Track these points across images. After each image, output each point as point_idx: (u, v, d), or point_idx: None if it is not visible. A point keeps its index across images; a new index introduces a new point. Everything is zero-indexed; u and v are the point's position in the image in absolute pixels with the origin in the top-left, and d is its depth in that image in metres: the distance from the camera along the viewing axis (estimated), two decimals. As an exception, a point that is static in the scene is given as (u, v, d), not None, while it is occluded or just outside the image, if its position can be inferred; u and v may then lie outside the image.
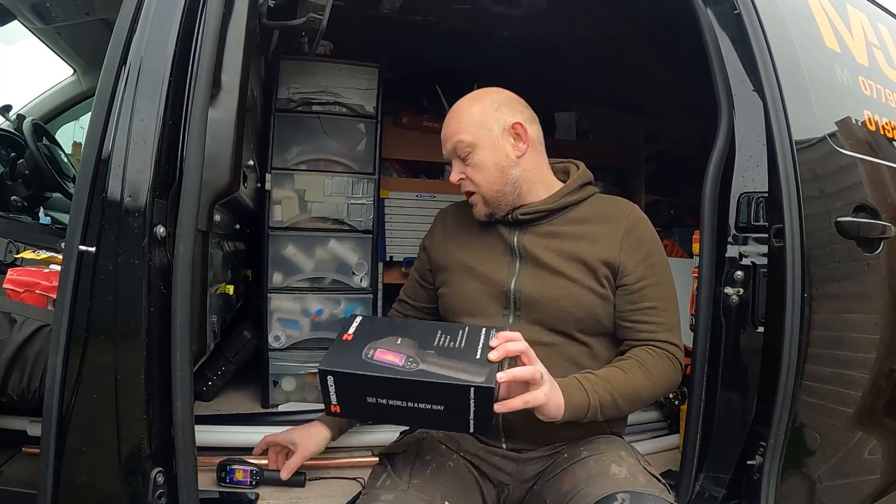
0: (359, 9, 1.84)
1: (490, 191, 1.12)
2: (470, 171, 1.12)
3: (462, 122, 1.12)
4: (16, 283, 1.20)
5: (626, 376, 1.02)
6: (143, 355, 0.86)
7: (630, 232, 1.09)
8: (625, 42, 2.06)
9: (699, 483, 1.15)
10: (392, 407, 0.86)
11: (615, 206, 1.14)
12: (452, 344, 0.91)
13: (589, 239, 1.09)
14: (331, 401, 0.88)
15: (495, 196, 1.12)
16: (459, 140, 1.11)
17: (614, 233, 1.09)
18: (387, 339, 0.91)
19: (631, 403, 1.03)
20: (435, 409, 0.85)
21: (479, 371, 0.84)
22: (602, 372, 1.02)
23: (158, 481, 0.88)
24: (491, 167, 1.11)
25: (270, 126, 1.92)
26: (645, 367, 1.03)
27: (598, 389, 0.98)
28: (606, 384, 0.99)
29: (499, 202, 1.12)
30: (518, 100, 1.16)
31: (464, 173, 1.13)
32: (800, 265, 1.09)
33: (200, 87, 0.92)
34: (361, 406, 0.87)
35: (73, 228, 0.86)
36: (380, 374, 0.84)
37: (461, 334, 0.93)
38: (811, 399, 1.16)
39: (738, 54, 1.20)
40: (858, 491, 1.34)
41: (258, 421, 1.80)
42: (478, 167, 1.11)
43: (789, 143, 1.12)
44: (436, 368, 0.85)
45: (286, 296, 1.95)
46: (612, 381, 1.00)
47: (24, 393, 1.04)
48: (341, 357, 0.88)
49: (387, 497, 0.88)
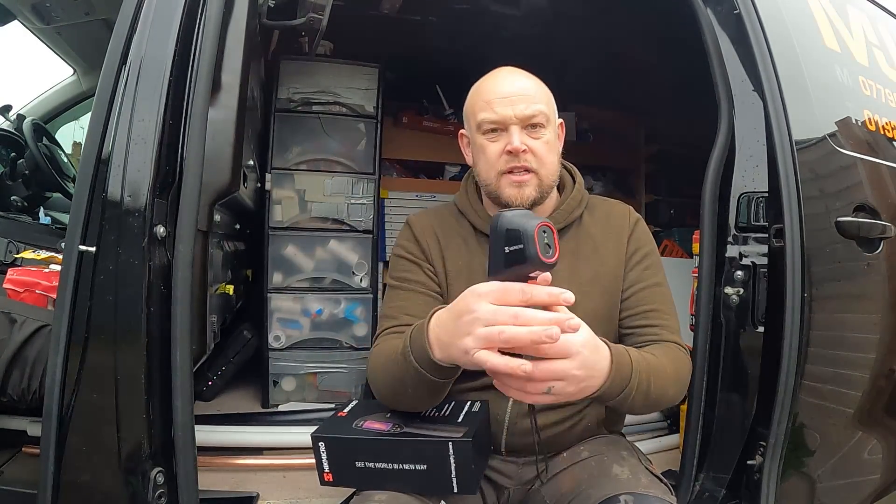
0: (359, 9, 1.85)
1: (549, 175, 0.99)
2: (537, 146, 0.97)
3: (539, 92, 1.00)
4: (16, 283, 1.20)
5: (656, 360, 0.89)
6: (143, 355, 0.86)
7: (631, 237, 1.05)
8: (625, 42, 2.06)
9: (699, 483, 1.15)
10: (379, 470, 0.88)
11: (614, 213, 1.08)
12: (437, 413, 0.94)
13: (599, 257, 1.03)
14: (323, 468, 0.91)
15: (550, 183, 1.00)
16: (539, 109, 0.96)
17: (620, 241, 1.04)
18: (377, 414, 0.95)
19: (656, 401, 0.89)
20: (418, 468, 0.87)
21: (458, 429, 0.87)
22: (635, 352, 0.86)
23: (158, 481, 0.87)
24: (555, 150, 1.01)
25: (270, 126, 1.92)
26: (663, 356, 0.93)
27: (638, 363, 0.84)
28: (643, 358, 0.86)
29: (547, 193, 1.01)
30: None
31: (526, 145, 0.97)
32: (800, 265, 1.09)
33: (200, 87, 0.92)
34: (352, 472, 0.90)
35: (73, 228, 0.86)
36: (367, 436, 0.88)
37: (447, 406, 0.96)
38: (811, 399, 1.16)
39: (738, 54, 1.20)
40: (858, 491, 1.34)
41: (258, 421, 1.80)
42: (548, 145, 0.98)
43: (789, 143, 1.12)
44: (418, 430, 0.89)
45: (286, 296, 1.95)
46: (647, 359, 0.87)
47: (24, 393, 1.04)
48: (333, 427, 0.93)
49: (380, 497, 0.88)
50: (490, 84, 1.00)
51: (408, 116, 2.55)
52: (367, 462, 0.88)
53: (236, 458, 1.52)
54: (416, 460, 0.87)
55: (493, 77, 1.02)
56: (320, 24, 1.59)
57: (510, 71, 1.02)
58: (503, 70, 1.02)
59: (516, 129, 0.96)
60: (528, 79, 1.01)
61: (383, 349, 0.94)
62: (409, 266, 1.05)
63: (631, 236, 1.05)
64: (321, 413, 1.78)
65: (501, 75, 1.01)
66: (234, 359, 1.96)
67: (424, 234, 1.06)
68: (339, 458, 0.90)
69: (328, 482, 0.91)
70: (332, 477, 0.91)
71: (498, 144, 0.97)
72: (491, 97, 0.97)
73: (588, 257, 1.03)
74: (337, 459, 0.90)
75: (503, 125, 0.96)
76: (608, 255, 1.03)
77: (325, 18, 1.58)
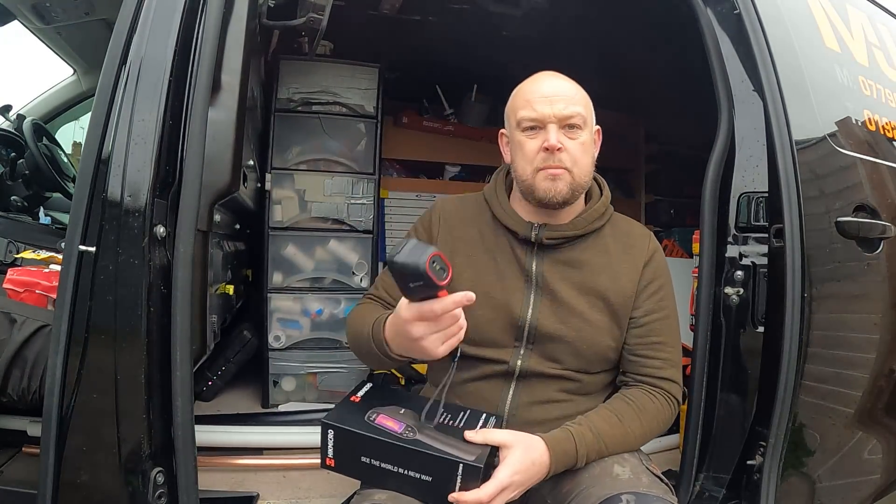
0: (359, 9, 1.85)
1: (583, 176, 1.02)
2: (573, 146, 1.00)
3: (578, 95, 1.03)
4: (16, 283, 1.20)
5: (621, 428, 0.98)
6: (143, 355, 0.86)
7: (648, 264, 1.06)
8: (625, 42, 2.06)
9: (699, 483, 1.15)
10: (383, 470, 0.88)
11: (634, 233, 1.10)
12: (452, 422, 0.94)
13: (612, 273, 1.04)
14: (327, 454, 0.90)
15: (583, 185, 1.03)
16: (577, 111, 1.00)
17: (635, 265, 1.05)
18: (391, 407, 0.94)
19: (618, 451, 0.99)
20: (423, 479, 0.87)
21: (471, 451, 0.87)
22: (597, 421, 0.97)
23: (158, 481, 0.88)
24: (591, 153, 1.04)
25: (270, 126, 1.92)
26: (642, 416, 1.00)
27: (590, 447, 0.95)
28: (598, 439, 0.95)
29: (579, 192, 1.04)
30: None
31: (562, 144, 1.00)
32: (800, 265, 1.09)
33: (200, 87, 0.92)
34: (355, 464, 0.89)
35: (73, 228, 0.86)
36: (377, 436, 0.87)
37: (462, 415, 0.96)
38: (811, 399, 1.16)
39: (738, 54, 1.20)
40: (858, 491, 1.34)
41: (258, 421, 1.80)
42: (584, 147, 1.02)
43: (789, 143, 1.12)
44: (431, 441, 0.88)
45: (286, 296, 1.95)
46: (605, 434, 0.96)
47: (24, 393, 1.04)
48: (345, 415, 0.91)
49: (380, 497, 0.88)
50: (531, 85, 1.04)
51: (408, 116, 2.55)
52: (374, 460, 0.88)
53: (236, 458, 1.52)
54: (424, 471, 0.87)
55: (535, 79, 1.06)
56: (320, 24, 1.59)
57: (551, 74, 1.06)
58: (544, 73, 1.06)
59: (554, 127, 0.99)
60: (568, 82, 1.05)
61: (361, 312, 1.07)
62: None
63: (648, 263, 1.06)
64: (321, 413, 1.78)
65: (542, 77, 1.05)
66: (234, 359, 1.96)
67: (441, 220, 1.11)
68: (345, 449, 0.89)
69: (329, 467, 0.91)
70: (334, 464, 0.91)
71: (536, 141, 1.00)
72: (531, 96, 1.02)
73: (601, 270, 1.04)
74: (343, 449, 0.90)
75: (542, 123, 1.00)
76: (621, 274, 1.04)
77: (325, 18, 1.58)
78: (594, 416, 0.99)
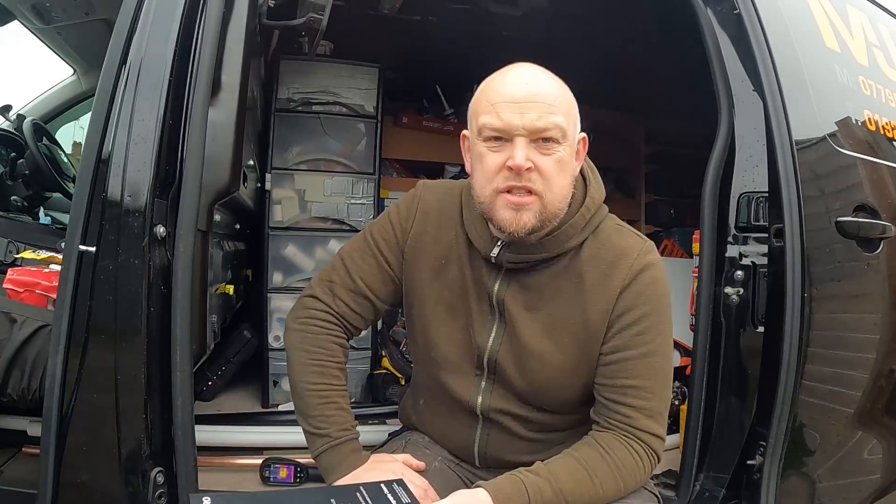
0: (359, 9, 1.84)
1: (557, 202, 0.83)
2: (546, 165, 0.81)
3: (559, 99, 0.82)
4: (16, 283, 1.20)
5: (590, 487, 0.81)
6: (143, 355, 0.86)
7: (627, 289, 0.86)
8: (625, 42, 2.06)
9: (699, 483, 1.15)
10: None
11: (621, 250, 0.88)
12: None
13: (582, 303, 0.87)
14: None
15: (555, 211, 0.84)
16: (555, 122, 0.80)
17: (610, 290, 0.86)
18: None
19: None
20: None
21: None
22: (561, 474, 0.81)
23: (158, 481, 0.88)
24: (568, 171, 0.84)
25: (270, 126, 1.92)
26: (619, 473, 0.83)
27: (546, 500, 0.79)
28: (558, 496, 0.79)
29: (550, 221, 0.84)
30: None
31: (533, 163, 0.80)
32: (800, 265, 1.09)
33: (200, 87, 0.92)
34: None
35: (73, 228, 0.86)
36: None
37: (361, 500, 0.80)
38: (811, 399, 1.16)
39: (738, 54, 1.20)
40: (858, 491, 1.34)
41: (258, 421, 1.80)
42: (560, 164, 0.82)
43: (789, 143, 1.12)
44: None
45: (286, 296, 1.94)
46: (569, 492, 0.80)
47: (24, 393, 1.04)
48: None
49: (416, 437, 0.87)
50: (499, 84, 0.84)
51: (408, 116, 2.55)
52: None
53: (236, 458, 1.52)
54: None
55: (505, 75, 0.85)
56: (320, 24, 1.59)
57: (526, 69, 0.85)
58: (518, 68, 0.85)
59: (522, 141, 0.80)
60: (547, 83, 0.84)
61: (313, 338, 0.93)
62: (391, 239, 0.96)
63: (627, 288, 0.86)
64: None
65: (515, 74, 0.84)
66: (234, 359, 1.95)
67: (419, 213, 0.96)
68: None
69: None
70: None
71: (498, 156, 0.81)
72: (497, 99, 0.82)
73: (572, 299, 0.88)
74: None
75: (507, 135, 0.81)
76: (591, 304, 0.87)
77: (325, 18, 1.58)
78: (558, 466, 0.82)
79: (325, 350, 0.94)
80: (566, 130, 0.82)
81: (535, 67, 0.85)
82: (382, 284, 0.97)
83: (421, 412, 1.04)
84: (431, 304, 0.94)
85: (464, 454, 0.99)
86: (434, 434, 1.02)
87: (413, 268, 0.96)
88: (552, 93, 0.82)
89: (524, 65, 0.85)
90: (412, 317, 0.98)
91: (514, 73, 0.84)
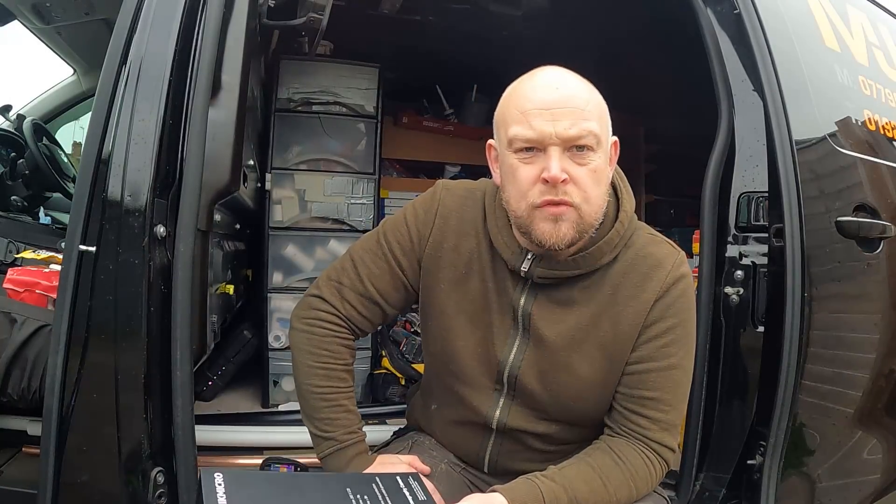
0: (359, 9, 1.84)
1: (592, 212, 0.80)
2: (582, 176, 0.77)
3: (591, 103, 0.79)
4: (16, 283, 1.20)
5: (605, 496, 0.81)
6: (143, 355, 0.86)
7: (661, 299, 0.84)
8: (625, 42, 2.06)
9: (699, 482, 1.15)
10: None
11: (655, 260, 0.86)
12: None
13: (614, 316, 0.85)
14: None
15: (592, 222, 0.81)
16: (589, 129, 0.77)
17: (645, 301, 0.84)
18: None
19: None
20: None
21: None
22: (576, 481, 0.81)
23: (158, 481, 0.88)
24: (604, 180, 0.81)
25: (270, 126, 1.92)
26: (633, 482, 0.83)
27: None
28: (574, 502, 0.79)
29: (586, 231, 0.81)
30: None
31: (568, 174, 0.77)
32: (800, 265, 1.09)
33: (200, 87, 0.92)
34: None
35: (73, 228, 0.86)
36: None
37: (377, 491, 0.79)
38: (811, 399, 1.16)
39: (738, 54, 1.20)
40: (858, 491, 1.34)
41: (258, 421, 1.80)
42: (596, 175, 0.79)
43: (789, 143, 1.12)
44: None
45: (286, 296, 1.95)
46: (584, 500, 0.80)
47: (24, 393, 1.04)
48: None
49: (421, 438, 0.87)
50: (528, 89, 0.80)
51: (408, 116, 2.55)
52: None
53: (236, 458, 1.52)
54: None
55: (533, 80, 0.81)
56: (320, 24, 1.59)
57: (554, 73, 0.81)
58: (546, 71, 0.82)
59: (556, 151, 0.76)
60: (578, 86, 0.80)
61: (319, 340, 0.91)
62: (407, 244, 0.92)
63: (661, 298, 0.84)
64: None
65: (544, 78, 0.81)
66: (234, 359, 1.96)
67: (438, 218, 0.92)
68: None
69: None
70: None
71: (532, 168, 0.78)
72: (528, 107, 0.78)
73: (603, 312, 0.86)
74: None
75: (540, 144, 0.77)
76: (624, 316, 0.85)
77: (325, 18, 1.58)
78: (572, 473, 0.82)
79: (330, 352, 0.92)
80: (600, 137, 0.79)
81: (562, 70, 0.82)
82: (394, 290, 0.93)
83: (431, 416, 1.03)
84: (450, 316, 0.91)
85: (472, 460, 0.99)
86: (443, 439, 1.01)
87: (431, 277, 0.92)
88: (583, 97, 0.79)
89: (551, 68, 0.82)
90: (428, 328, 0.95)
91: (543, 78, 0.81)
